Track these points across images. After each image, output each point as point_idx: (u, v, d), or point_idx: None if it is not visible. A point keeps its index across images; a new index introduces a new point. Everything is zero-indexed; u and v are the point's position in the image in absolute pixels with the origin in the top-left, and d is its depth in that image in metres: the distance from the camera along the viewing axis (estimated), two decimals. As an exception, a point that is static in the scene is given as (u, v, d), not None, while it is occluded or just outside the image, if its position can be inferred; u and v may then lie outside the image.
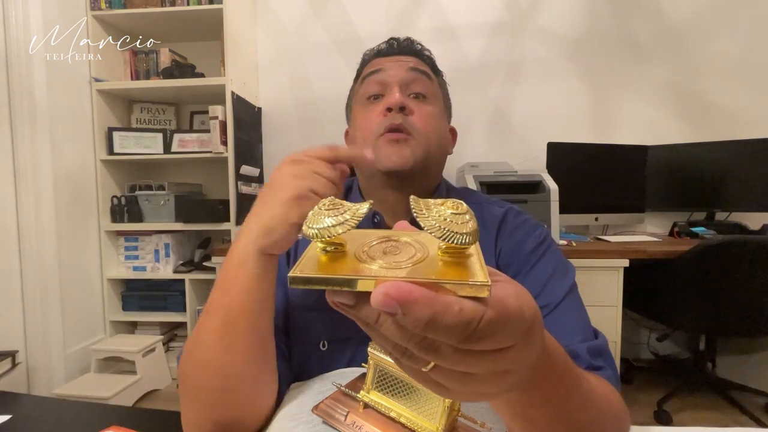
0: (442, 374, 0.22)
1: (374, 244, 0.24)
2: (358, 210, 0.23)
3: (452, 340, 0.19)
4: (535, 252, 0.58)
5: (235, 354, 0.43)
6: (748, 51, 2.03)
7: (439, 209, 0.22)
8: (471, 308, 0.19)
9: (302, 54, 2.27)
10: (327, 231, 0.22)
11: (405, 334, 0.19)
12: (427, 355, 0.20)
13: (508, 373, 0.23)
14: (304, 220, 0.24)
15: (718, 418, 1.68)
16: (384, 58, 0.66)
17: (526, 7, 2.15)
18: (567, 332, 0.49)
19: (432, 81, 0.64)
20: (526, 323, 0.21)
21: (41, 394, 1.78)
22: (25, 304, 1.79)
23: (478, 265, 0.21)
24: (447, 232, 0.20)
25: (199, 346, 0.45)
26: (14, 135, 1.76)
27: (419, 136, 0.59)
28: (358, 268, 0.21)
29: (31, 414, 0.56)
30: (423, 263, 0.22)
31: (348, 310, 0.21)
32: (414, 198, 0.23)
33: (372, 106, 0.62)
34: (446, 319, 0.18)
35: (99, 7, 2.03)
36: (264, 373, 0.47)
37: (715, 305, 1.55)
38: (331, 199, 0.25)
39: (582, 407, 0.34)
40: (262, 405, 0.47)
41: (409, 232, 0.26)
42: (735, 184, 1.90)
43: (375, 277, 0.20)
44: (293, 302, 0.59)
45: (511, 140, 2.20)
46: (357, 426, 0.41)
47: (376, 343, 0.23)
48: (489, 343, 0.20)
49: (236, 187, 2.00)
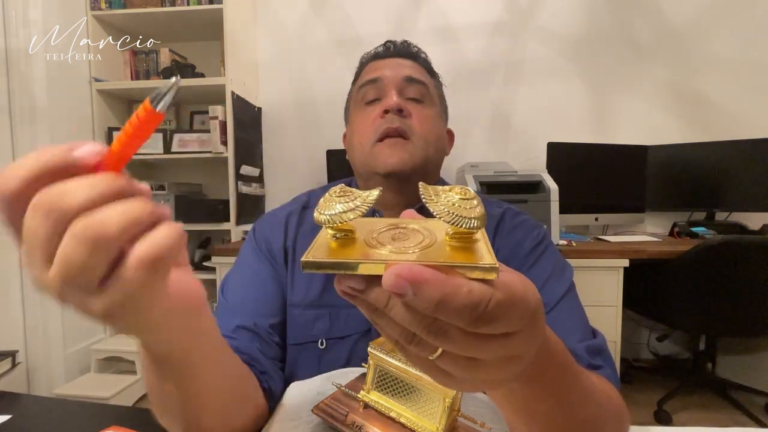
0: (449, 361, 0.22)
1: (383, 231, 0.25)
2: (368, 197, 0.24)
3: (462, 322, 0.19)
4: (534, 252, 0.58)
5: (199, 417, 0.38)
6: (748, 51, 2.03)
7: (447, 195, 0.22)
8: (480, 289, 0.19)
9: (302, 54, 2.27)
10: (339, 217, 0.22)
11: (415, 317, 0.20)
12: (435, 339, 0.20)
13: (514, 359, 0.23)
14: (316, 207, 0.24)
15: (718, 418, 1.68)
16: (381, 60, 0.66)
17: (526, 7, 2.15)
18: (565, 332, 0.49)
19: (428, 87, 0.64)
20: (531, 308, 0.22)
21: (41, 394, 1.78)
22: (25, 304, 1.79)
23: (486, 249, 0.22)
24: (456, 217, 0.21)
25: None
26: (14, 135, 1.76)
27: (417, 138, 0.60)
28: (368, 253, 0.22)
29: (31, 414, 0.56)
30: (431, 248, 0.22)
31: (357, 295, 0.21)
32: (423, 184, 0.24)
33: (370, 109, 0.63)
34: (456, 300, 0.19)
35: (99, 7, 2.03)
36: (235, 419, 0.42)
37: (715, 305, 1.55)
38: (342, 186, 0.25)
39: (582, 402, 0.34)
40: (249, 419, 0.44)
41: (417, 220, 0.26)
42: (735, 184, 1.90)
43: (385, 261, 0.20)
44: (291, 301, 0.59)
45: (511, 140, 2.20)
46: (357, 426, 0.41)
47: (382, 333, 0.23)
48: (497, 326, 0.20)
49: (236, 187, 2.00)
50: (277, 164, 2.30)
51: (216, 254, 1.78)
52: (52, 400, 0.63)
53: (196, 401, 0.36)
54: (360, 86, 0.65)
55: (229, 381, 0.41)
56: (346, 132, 0.71)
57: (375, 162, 0.60)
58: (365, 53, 0.70)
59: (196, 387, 0.35)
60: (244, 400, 0.44)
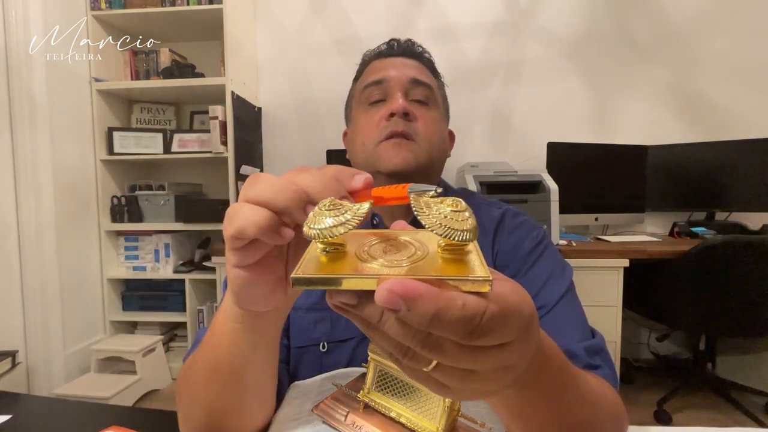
0: (444, 373, 0.22)
1: (374, 244, 0.24)
2: (359, 210, 0.23)
3: (456, 335, 0.19)
4: (533, 253, 0.58)
5: (220, 399, 0.42)
6: (748, 51, 2.03)
7: (438, 207, 0.22)
8: (474, 303, 0.19)
9: (302, 54, 2.27)
10: (329, 231, 0.22)
11: (408, 331, 0.20)
12: (430, 353, 0.20)
13: (509, 368, 0.23)
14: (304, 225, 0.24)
15: (718, 418, 1.68)
16: (385, 59, 0.66)
17: (526, 7, 2.15)
18: (564, 332, 0.49)
19: (433, 89, 0.64)
20: (525, 318, 0.22)
21: (41, 394, 1.78)
22: (25, 304, 1.79)
23: (478, 262, 0.22)
24: (447, 229, 0.21)
25: (190, 380, 0.44)
26: (14, 135, 1.76)
27: (422, 141, 0.60)
28: (360, 268, 0.21)
29: (31, 414, 0.56)
30: (423, 261, 0.22)
31: (350, 310, 0.21)
32: (414, 197, 0.23)
33: (375, 110, 0.62)
34: (450, 314, 0.19)
35: (99, 7, 2.03)
36: (253, 410, 0.45)
37: (715, 305, 1.55)
38: (331, 199, 0.25)
39: (579, 405, 0.34)
40: (258, 421, 0.46)
41: (408, 231, 0.26)
42: (735, 184, 1.90)
43: (378, 276, 0.20)
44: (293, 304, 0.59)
45: (511, 140, 2.20)
46: (357, 426, 0.41)
47: (376, 345, 0.23)
48: (491, 338, 0.20)
49: (236, 187, 2.00)
50: (277, 164, 2.30)
51: (216, 254, 1.78)
52: (52, 400, 0.63)
53: (247, 390, 0.41)
54: (364, 86, 0.64)
55: (262, 396, 0.45)
56: (346, 130, 0.71)
57: (379, 161, 0.59)
58: (368, 50, 0.70)
59: (255, 377, 0.41)
60: (263, 411, 0.46)
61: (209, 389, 0.42)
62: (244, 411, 0.43)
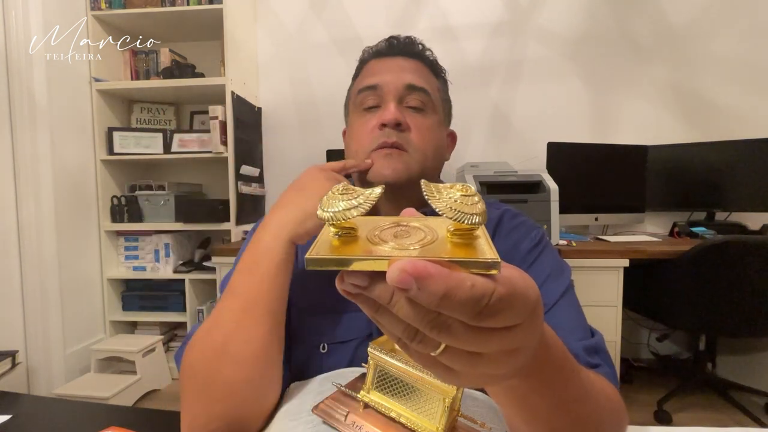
0: (451, 356, 0.22)
1: (385, 228, 0.25)
2: (371, 194, 0.24)
3: (465, 316, 0.20)
4: (532, 253, 0.58)
5: (251, 339, 0.46)
6: (748, 51, 2.03)
7: (449, 192, 0.23)
8: (483, 284, 0.20)
9: (302, 54, 2.27)
10: (342, 214, 0.23)
11: (418, 312, 0.20)
12: (439, 334, 0.21)
13: (516, 352, 0.23)
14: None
15: (718, 418, 1.68)
16: (383, 60, 0.65)
17: (526, 7, 2.15)
18: (564, 331, 0.49)
19: (430, 94, 0.62)
20: (531, 302, 0.22)
21: (41, 394, 1.78)
22: (25, 304, 1.79)
23: (487, 245, 0.22)
24: (458, 213, 0.21)
25: (217, 330, 0.47)
26: (14, 135, 1.76)
27: (415, 151, 0.59)
28: (371, 250, 0.22)
29: (31, 414, 0.56)
30: (433, 245, 0.22)
31: (361, 292, 0.21)
32: (425, 182, 0.24)
33: (368, 116, 0.61)
34: (460, 294, 0.19)
35: (99, 7, 2.03)
36: (274, 365, 0.49)
37: (715, 305, 1.54)
38: (344, 184, 0.26)
39: (580, 399, 0.34)
40: (267, 402, 0.48)
41: (418, 218, 0.26)
42: (735, 184, 1.90)
43: (389, 257, 0.21)
44: (293, 304, 0.59)
45: (511, 140, 2.20)
46: (357, 426, 0.41)
47: (384, 331, 0.23)
48: (499, 319, 0.21)
49: (236, 187, 2.00)
50: (277, 164, 2.30)
51: (216, 254, 1.78)
52: (52, 400, 0.63)
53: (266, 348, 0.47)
54: (359, 91, 0.63)
55: (279, 347, 0.50)
56: (345, 129, 0.71)
57: (370, 172, 0.59)
58: (367, 47, 0.68)
59: (280, 317, 0.50)
60: (278, 379, 0.50)
61: (241, 328, 0.46)
62: (270, 365, 0.48)
